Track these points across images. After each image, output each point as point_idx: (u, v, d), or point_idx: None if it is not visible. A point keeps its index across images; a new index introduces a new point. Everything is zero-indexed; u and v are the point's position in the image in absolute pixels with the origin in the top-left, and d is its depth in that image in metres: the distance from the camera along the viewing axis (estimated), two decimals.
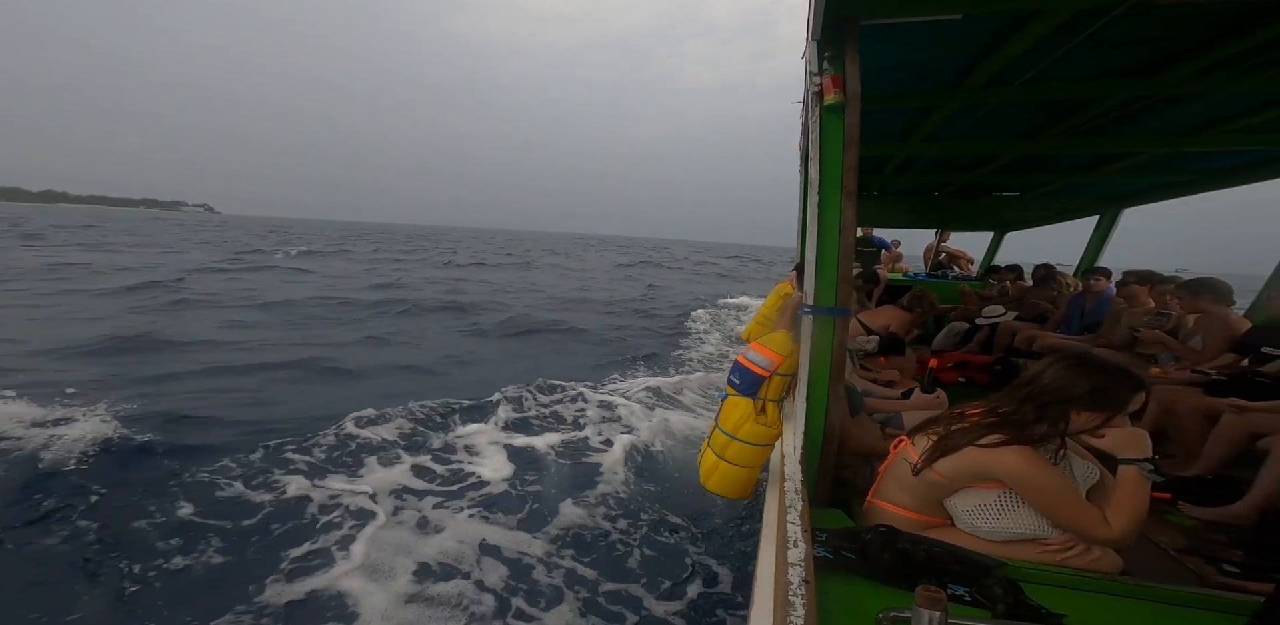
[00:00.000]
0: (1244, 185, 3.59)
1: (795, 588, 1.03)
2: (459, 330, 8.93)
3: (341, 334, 8.02)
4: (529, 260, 28.76)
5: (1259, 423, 2.07)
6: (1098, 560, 1.36)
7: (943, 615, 0.70)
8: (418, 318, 9.89)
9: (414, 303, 11.07)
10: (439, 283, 15.48)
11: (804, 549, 1.20)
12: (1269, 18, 1.62)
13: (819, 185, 1.68)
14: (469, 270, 20.74)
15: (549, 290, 15.31)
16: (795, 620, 0.93)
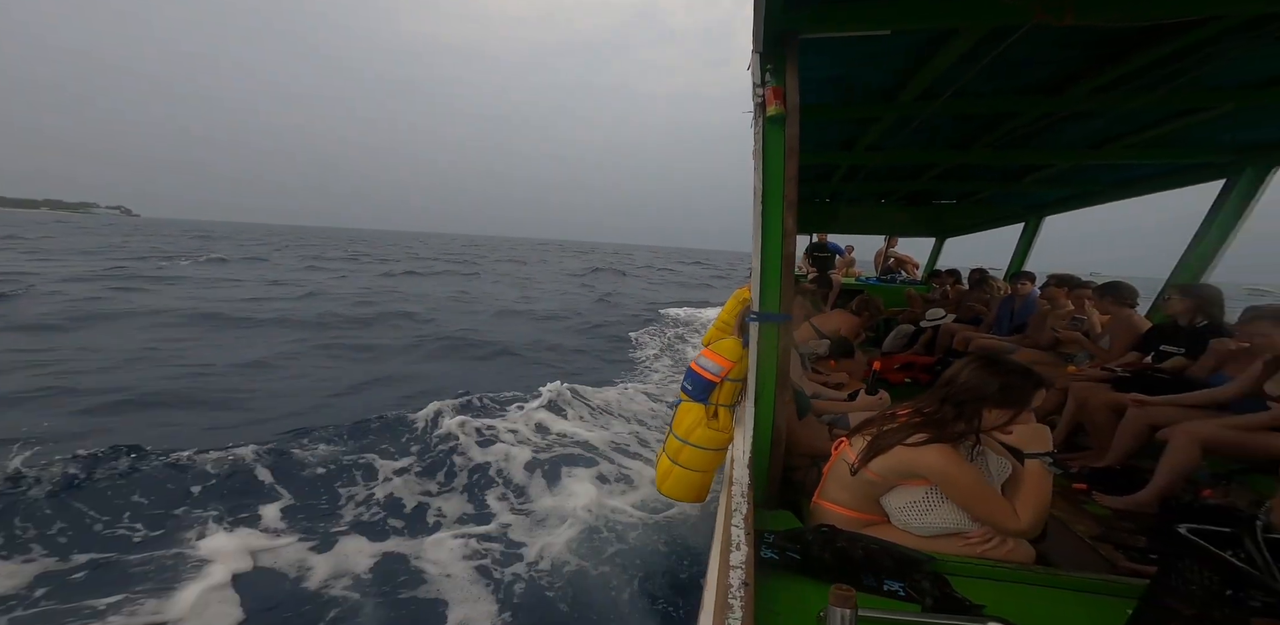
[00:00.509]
0: (1144, 195, 3.96)
1: (735, 590, 1.05)
2: (335, 351, 7.77)
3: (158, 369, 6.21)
4: (478, 268, 27.14)
5: (1158, 415, 2.27)
6: (1013, 551, 1.45)
7: (852, 612, 0.73)
8: (295, 334, 8.54)
9: (303, 317, 9.68)
10: (355, 294, 13.75)
11: (746, 552, 1.22)
12: (1145, 43, 1.80)
13: (761, 194, 1.73)
14: (400, 280, 19.36)
15: (485, 302, 13.98)
16: (733, 622, 0.94)
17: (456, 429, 4.50)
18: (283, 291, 13.67)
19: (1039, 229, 5.40)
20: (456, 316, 11.72)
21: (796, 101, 1.66)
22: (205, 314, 9.68)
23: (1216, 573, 0.87)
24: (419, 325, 10.33)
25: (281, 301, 12.00)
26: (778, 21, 1.60)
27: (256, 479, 3.60)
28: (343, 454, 4.02)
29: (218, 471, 3.61)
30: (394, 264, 26.81)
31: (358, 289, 15.26)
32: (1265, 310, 2.07)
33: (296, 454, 3.92)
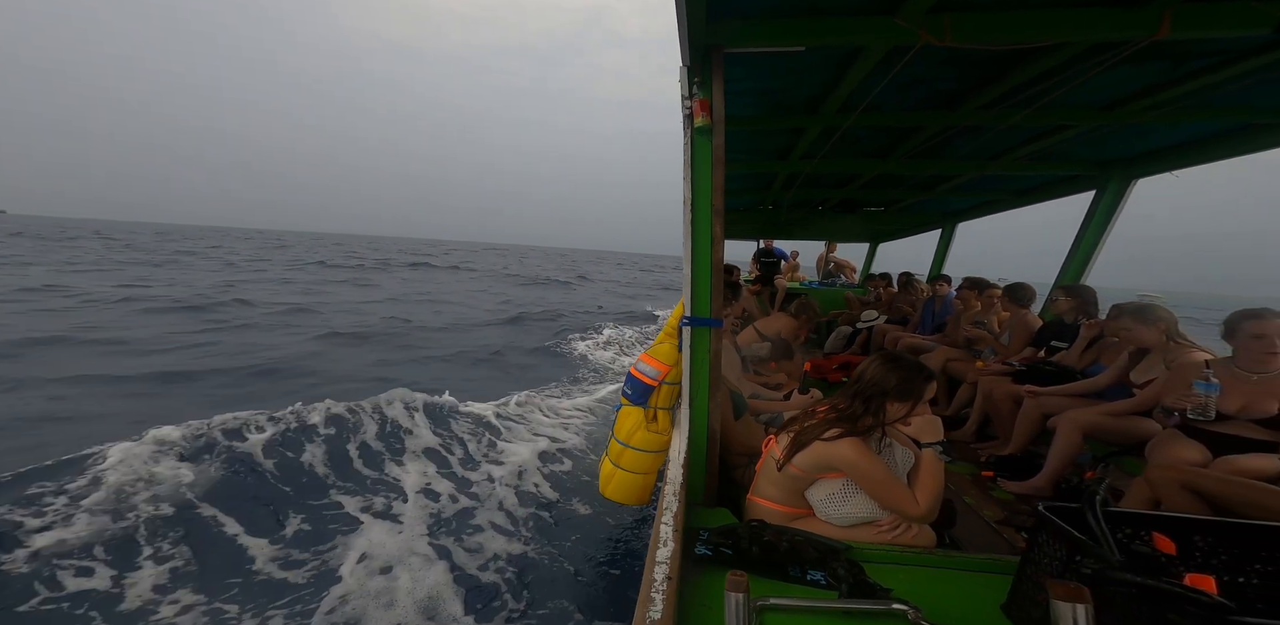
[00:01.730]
0: (1037, 203, 4.38)
1: (658, 584, 1.08)
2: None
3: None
4: (366, 278, 21.77)
5: (1048, 405, 2.53)
6: (918, 536, 1.56)
7: (745, 595, 0.77)
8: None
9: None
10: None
11: (672, 548, 1.26)
12: (1016, 66, 2.00)
13: (690, 203, 1.79)
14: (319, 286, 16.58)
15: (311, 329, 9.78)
16: (654, 615, 0.97)
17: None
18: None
19: (954, 234, 5.89)
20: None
21: (722, 113, 1.73)
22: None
23: (1063, 545, 1.00)
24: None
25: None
26: (702, 37, 1.66)
27: None
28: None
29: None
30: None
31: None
32: (1127, 307, 2.36)
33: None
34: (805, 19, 1.70)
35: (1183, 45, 1.72)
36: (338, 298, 14.76)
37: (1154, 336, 2.22)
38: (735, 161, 4.02)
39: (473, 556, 3.03)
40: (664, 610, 0.99)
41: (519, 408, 5.60)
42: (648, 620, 0.96)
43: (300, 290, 16.04)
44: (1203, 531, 1.06)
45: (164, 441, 3.76)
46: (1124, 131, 2.67)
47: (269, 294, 14.35)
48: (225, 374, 6.53)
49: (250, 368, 6.87)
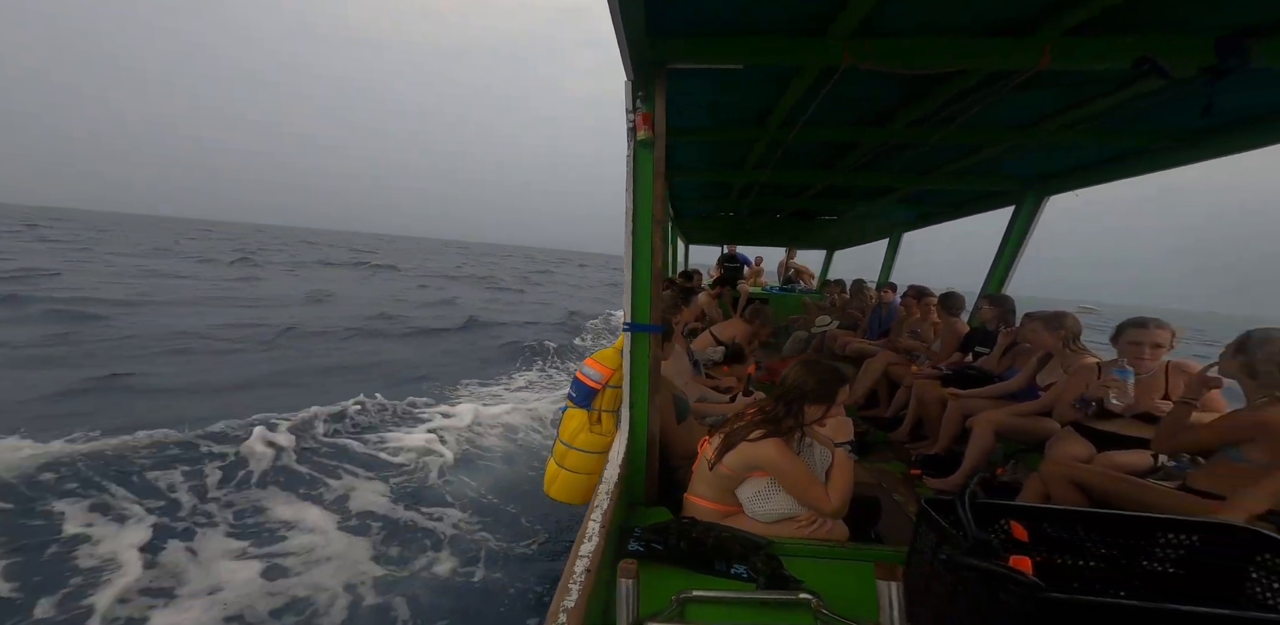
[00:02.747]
0: (970, 216, 4.67)
1: (578, 576, 1.12)
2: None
3: None
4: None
5: (969, 406, 2.72)
6: (831, 530, 1.67)
7: (634, 581, 0.83)
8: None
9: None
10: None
11: (596, 543, 1.31)
12: (937, 86, 2.15)
13: (633, 213, 1.85)
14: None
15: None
16: (568, 604, 1.02)
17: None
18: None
19: (900, 244, 6.21)
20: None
21: (664, 128, 1.80)
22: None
23: (934, 534, 1.12)
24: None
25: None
26: (645, 53, 1.72)
27: None
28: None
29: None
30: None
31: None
32: (1037, 315, 2.58)
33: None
34: (743, 38, 1.78)
35: (1070, 74, 1.89)
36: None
37: (1054, 343, 2.43)
38: (694, 170, 4.14)
39: (410, 554, 3.02)
40: (578, 600, 1.03)
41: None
42: (562, 609, 1.00)
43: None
44: (1055, 520, 1.20)
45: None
46: (1035, 151, 2.88)
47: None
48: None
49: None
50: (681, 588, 1.32)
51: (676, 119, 2.84)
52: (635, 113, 1.79)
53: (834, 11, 1.59)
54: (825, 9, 1.59)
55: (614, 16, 1.36)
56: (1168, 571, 1.13)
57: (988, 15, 1.58)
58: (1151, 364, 1.99)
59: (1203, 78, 1.51)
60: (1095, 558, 1.18)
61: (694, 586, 1.33)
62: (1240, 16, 1.47)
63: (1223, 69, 1.46)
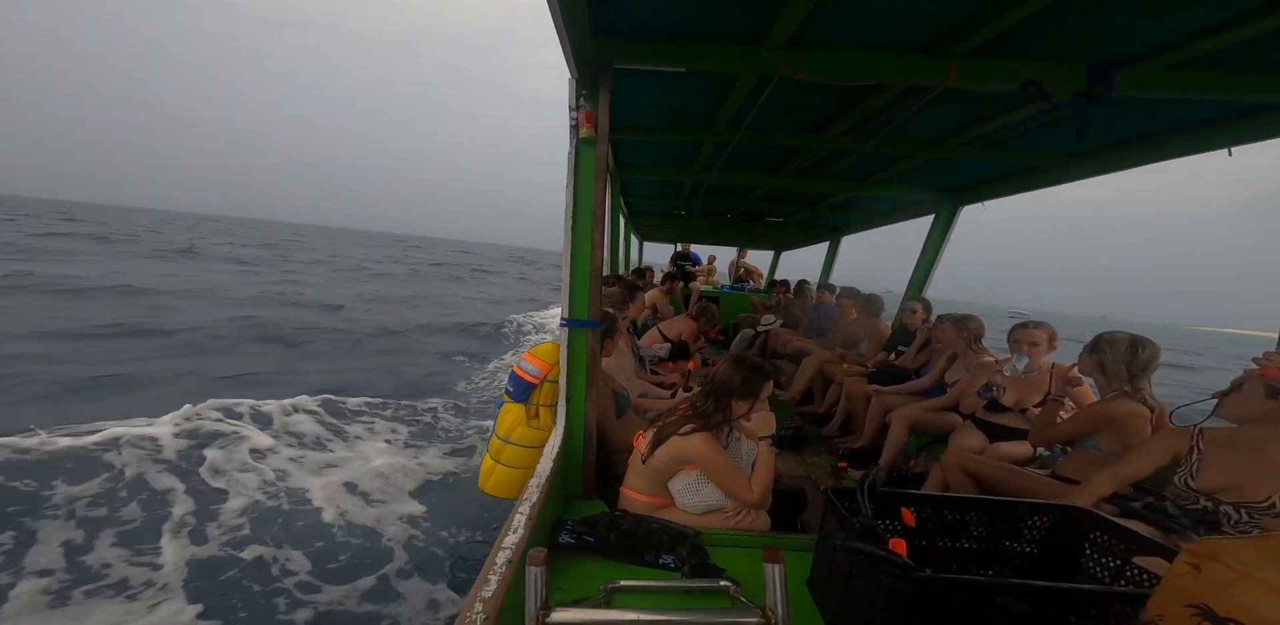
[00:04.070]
0: (899, 223, 4.97)
1: (498, 567, 1.12)
2: None
3: None
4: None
5: (889, 402, 2.94)
6: (755, 521, 1.75)
7: (543, 568, 0.86)
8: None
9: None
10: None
11: (520, 534, 1.31)
12: (862, 98, 2.28)
13: (573, 211, 1.86)
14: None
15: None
16: (485, 594, 1.02)
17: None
18: None
19: (839, 247, 6.54)
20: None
21: (607, 127, 1.82)
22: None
23: (836, 521, 1.22)
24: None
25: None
26: (589, 52, 1.73)
27: None
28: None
29: None
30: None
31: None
32: (947, 317, 2.82)
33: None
34: (686, 43, 1.83)
35: (972, 93, 2.05)
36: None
37: (958, 342, 2.68)
38: (645, 168, 4.17)
39: (341, 551, 2.91)
40: (496, 590, 1.04)
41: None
42: (478, 599, 1.00)
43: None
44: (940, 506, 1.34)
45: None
46: (949, 164, 3.12)
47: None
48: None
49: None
50: (611, 578, 1.36)
51: (626, 117, 2.85)
52: (578, 110, 1.80)
53: (768, 22, 1.66)
54: (760, 20, 1.67)
55: (555, 15, 1.37)
56: (1026, 550, 1.29)
57: (902, 34, 1.71)
58: (1034, 360, 2.25)
59: (1077, 102, 1.70)
60: (973, 540, 1.32)
61: (623, 577, 1.37)
62: (1107, 47, 1.65)
63: (1092, 95, 1.64)
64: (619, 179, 4.41)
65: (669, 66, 1.86)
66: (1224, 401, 1.43)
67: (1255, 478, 1.31)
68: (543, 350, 2.13)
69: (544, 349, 2.14)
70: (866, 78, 1.83)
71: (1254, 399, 1.30)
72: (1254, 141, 2.00)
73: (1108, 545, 1.13)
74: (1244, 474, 1.33)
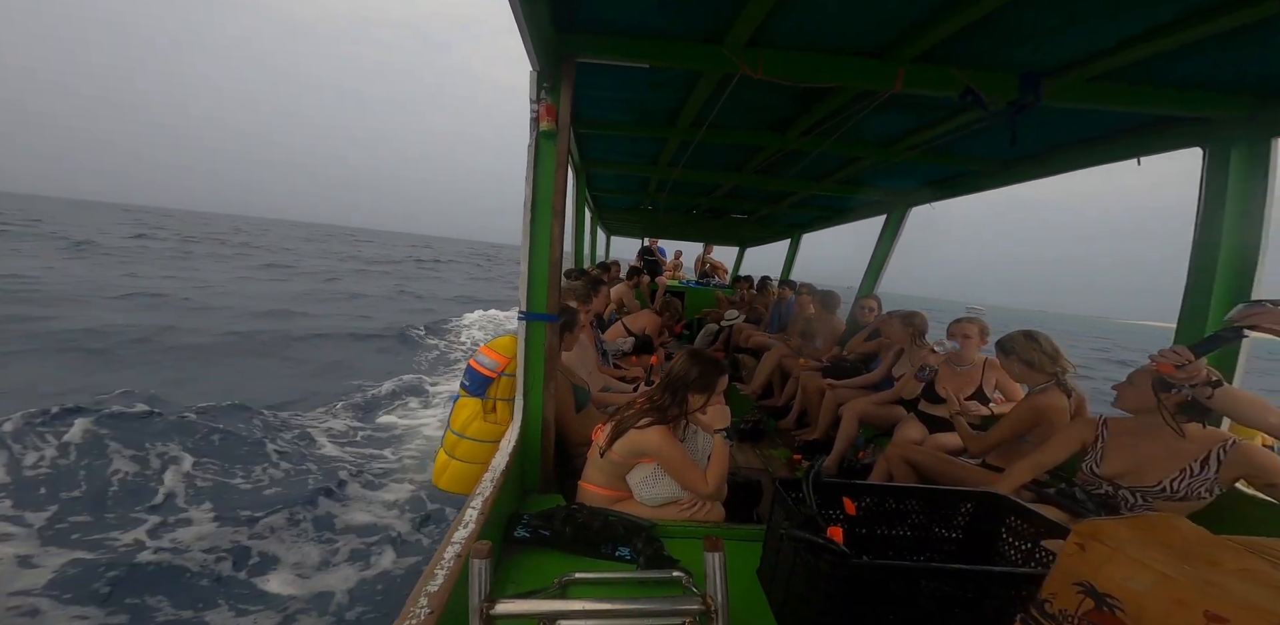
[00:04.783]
0: (855, 221, 5.14)
1: (446, 562, 1.12)
2: None
3: None
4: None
5: (841, 396, 3.06)
6: (709, 512, 1.79)
7: (487, 561, 0.86)
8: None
9: None
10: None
11: (471, 529, 1.30)
12: (819, 100, 2.35)
13: (532, 204, 1.84)
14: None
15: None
16: (430, 589, 1.01)
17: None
18: None
19: (800, 244, 6.73)
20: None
21: (569, 120, 1.81)
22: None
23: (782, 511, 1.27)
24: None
25: None
26: (551, 44, 1.71)
27: None
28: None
29: None
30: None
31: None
32: (895, 313, 2.96)
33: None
34: (648, 39, 1.84)
35: (919, 98, 2.15)
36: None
37: (904, 337, 2.82)
38: (611, 163, 4.16)
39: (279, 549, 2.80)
40: (442, 585, 1.03)
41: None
42: (423, 593, 0.99)
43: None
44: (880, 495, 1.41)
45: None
46: (898, 166, 3.25)
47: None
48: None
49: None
50: (567, 571, 1.37)
51: (592, 112, 2.84)
52: (539, 103, 1.79)
53: (729, 22, 1.69)
54: (721, 19, 1.69)
55: (515, 7, 1.35)
56: (953, 536, 1.38)
57: (854, 38, 1.76)
58: (967, 351, 2.42)
59: (1010, 110, 1.81)
60: (909, 527, 1.40)
61: (579, 569, 1.38)
62: (1036, 58, 1.75)
63: (1023, 103, 1.75)
64: (585, 173, 4.37)
65: (632, 62, 1.86)
66: (1122, 393, 1.57)
67: (1149, 464, 1.45)
68: (500, 343, 2.10)
69: (502, 342, 2.11)
70: (822, 80, 1.88)
71: (1146, 391, 1.44)
72: (1159, 152, 2.17)
73: (1021, 529, 1.22)
74: (1140, 461, 1.47)
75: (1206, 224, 1.88)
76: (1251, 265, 1.82)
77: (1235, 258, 1.84)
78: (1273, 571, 0.49)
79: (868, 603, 1.07)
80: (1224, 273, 1.84)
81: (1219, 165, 1.87)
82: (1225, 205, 1.83)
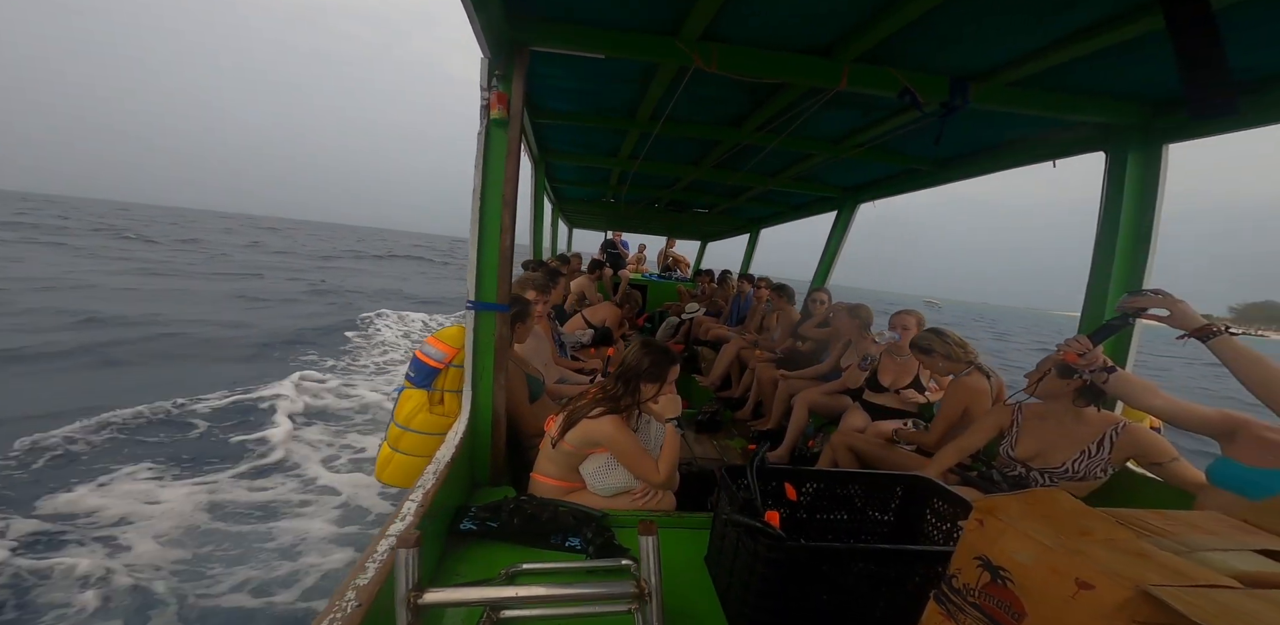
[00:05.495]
0: (809, 217, 5.29)
1: (379, 555, 1.09)
2: None
3: None
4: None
5: (794, 386, 3.15)
6: (661, 501, 1.81)
7: (415, 550, 0.83)
8: None
9: None
10: None
11: (409, 521, 1.27)
12: (773, 96, 2.38)
13: (480, 192, 1.80)
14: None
15: None
16: (359, 582, 0.98)
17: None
18: None
19: (757, 239, 6.87)
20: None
21: (520, 108, 1.77)
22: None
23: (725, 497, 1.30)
24: None
25: None
26: (503, 32, 1.68)
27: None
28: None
29: None
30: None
31: None
32: (841, 305, 3.07)
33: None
34: (603, 30, 1.82)
35: (863, 97, 2.21)
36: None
37: (852, 329, 2.94)
38: (570, 154, 4.11)
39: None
40: (374, 577, 1.00)
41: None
42: (351, 587, 0.96)
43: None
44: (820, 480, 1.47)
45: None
46: (846, 164, 3.36)
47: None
48: None
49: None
50: (507, 561, 1.36)
51: (550, 102, 2.79)
52: (490, 91, 1.75)
53: (682, 15, 1.69)
54: (675, 12, 1.70)
55: None
56: (885, 519, 1.46)
57: (801, 36, 1.80)
58: (905, 342, 2.53)
59: (941, 112, 1.90)
60: (848, 511, 1.46)
61: (528, 560, 1.37)
62: (963, 62, 1.84)
63: (953, 105, 1.85)
64: (544, 164, 4.30)
65: (587, 52, 1.85)
66: (1031, 381, 1.70)
67: (1055, 447, 1.58)
68: (448, 333, 2.04)
69: (449, 332, 2.04)
70: (773, 75, 1.91)
71: (1053, 378, 1.56)
72: (1070, 155, 2.33)
73: (944, 511, 1.30)
74: (1048, 444, 1.59)
75: (1106, 222, 2.04)
76: (1144, 259, 1.99)
77: (1130, 252, 2.01)
78: (1135, 540, 0.55)
79: (803, 584, 1.11)
80: (1120, 266, 2.00)
81: (1118, 168, 2.02)
82: (1122, 205, 1.99)
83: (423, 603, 0.83)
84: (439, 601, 0.84)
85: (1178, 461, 1.48)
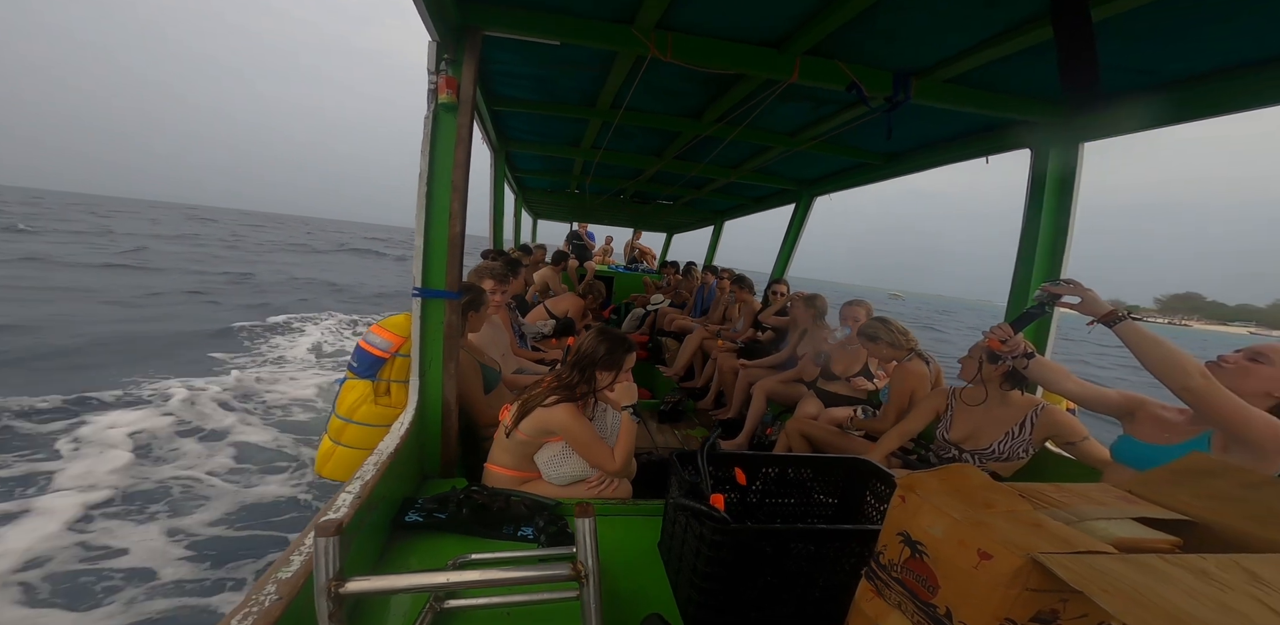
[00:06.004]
0: (769, 210, 5.36)
1: (306, 548, 1.06)
2: None
3: None
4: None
5: (753, 376, 3.21)
6: (617, 489, 1.81)
7: (333, 541, 0.80)
8: None
9: None
10: None
11: (344, 513, 1.23)
12: (730, 87, 2.37)
13: (428, 177, 1.73)
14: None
15: None
16: (283, 574, 0.96)
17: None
18: None
19: (722, 230, 6.92)
20: None
21: (470, 93, 1.72)
22: None
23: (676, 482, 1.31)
24: None
25: None
26: (451, 15, 1.61)
27: None
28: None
29: None
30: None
31: None
32: (799, 295, 3.15)
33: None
34: (558, 16, 1.78)
35: (815, 90, 2.25)
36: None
37: (808, 319, 3.02)
38: (532, 143, 4.01)
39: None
40: (299, 570, 0.97)
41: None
42: (273, 579, 0.93)
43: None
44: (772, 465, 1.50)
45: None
46: (802, 156, 3.40)
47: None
48: None
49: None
50: (455, 551, 1.33)
51: (506, 89, 2.71)
52: (438, 75, 1.70)
53: (637, 2, 1.67)
54: (630, 0, 1.67)
55: None
56: (830, 501, 1.50)
57: (753, 27, 1.80)
58: (855, 332, 2.63)
59: (886, 106, 1.95)
60: (797, 494, 1.50)
61: (470, 551, 1.33)
62: (905, 58, 1.89)
63: (896, 100, 1.90)
64: (504, 152, 4.18)
65: (542, 38, 1.80)
66: (965, 366, 1.79)
67: (984, 429, 1.67)
68: (394, 322, 1.96)
69: (395, 321, 1.97)
70: (727, 66, 1.91)
71: (979, 364, 1.64)
72: (1000, 152, 2.44)
73: (882, 492, 1.36)
74: (978, 426, 1.68)
75: (1030, 216, 2.15)
76: (1061, 251, 2.11)
77: (1050, 245, 2.13)
78: (1033, 511, 0.58)
79: (747, 565, 1.13)
80: (1041, 258, 2.13)
81: (1041, 164, 2.13)
82: (1043, 199, 2.10)
83: (344, 591, 0.80)
84: (363, 590, 0.81)
85: (1088, 441, 1.59)
